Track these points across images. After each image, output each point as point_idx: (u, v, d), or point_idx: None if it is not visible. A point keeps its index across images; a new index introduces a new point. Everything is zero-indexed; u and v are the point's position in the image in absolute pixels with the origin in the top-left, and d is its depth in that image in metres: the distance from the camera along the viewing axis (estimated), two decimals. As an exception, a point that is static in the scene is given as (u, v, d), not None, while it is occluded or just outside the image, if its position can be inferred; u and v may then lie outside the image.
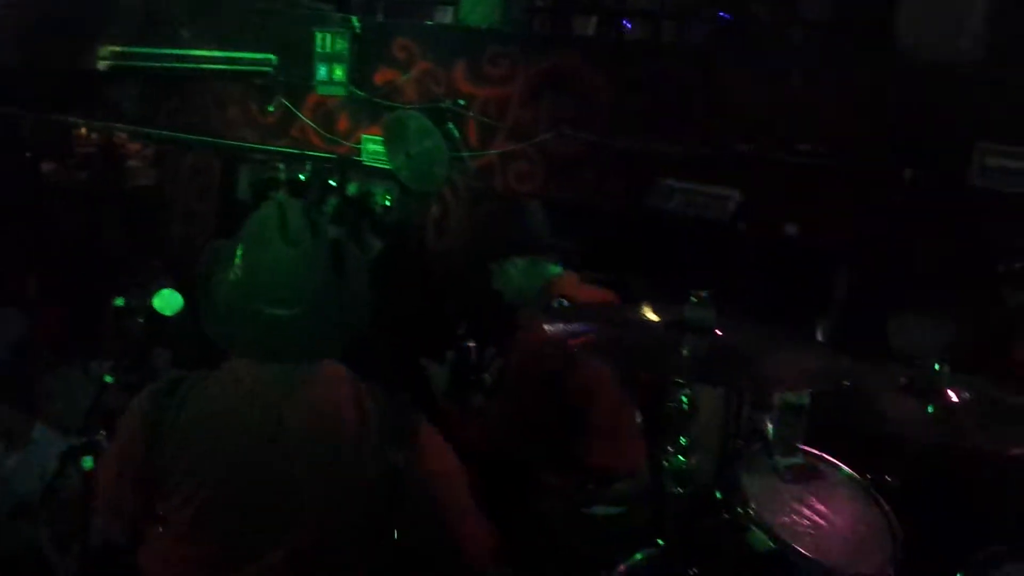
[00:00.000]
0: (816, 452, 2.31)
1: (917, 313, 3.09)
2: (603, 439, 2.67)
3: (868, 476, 2.34)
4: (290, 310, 1.77)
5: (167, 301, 2.84)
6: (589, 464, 2.68)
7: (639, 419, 2.79)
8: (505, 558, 2.05)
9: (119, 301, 2.88)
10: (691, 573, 2.20)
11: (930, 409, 2.27)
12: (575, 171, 3.89)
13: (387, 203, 4.72)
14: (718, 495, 2.26)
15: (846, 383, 2.12)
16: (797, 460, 2.23)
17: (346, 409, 1.83)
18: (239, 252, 1.81)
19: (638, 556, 2.33)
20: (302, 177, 4.78)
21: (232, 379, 1.83)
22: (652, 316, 2.07)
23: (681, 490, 1.99)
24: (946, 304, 3.03)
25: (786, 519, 2.11)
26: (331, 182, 4.69)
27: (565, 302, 2.62)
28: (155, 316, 2.83)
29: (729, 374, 2.04)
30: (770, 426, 2.24)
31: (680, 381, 1.98)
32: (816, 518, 2.15)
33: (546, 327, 2.07)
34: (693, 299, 1.97)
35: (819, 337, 3.27)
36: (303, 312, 1.78)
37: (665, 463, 1.99)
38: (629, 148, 3.75)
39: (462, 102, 4.13)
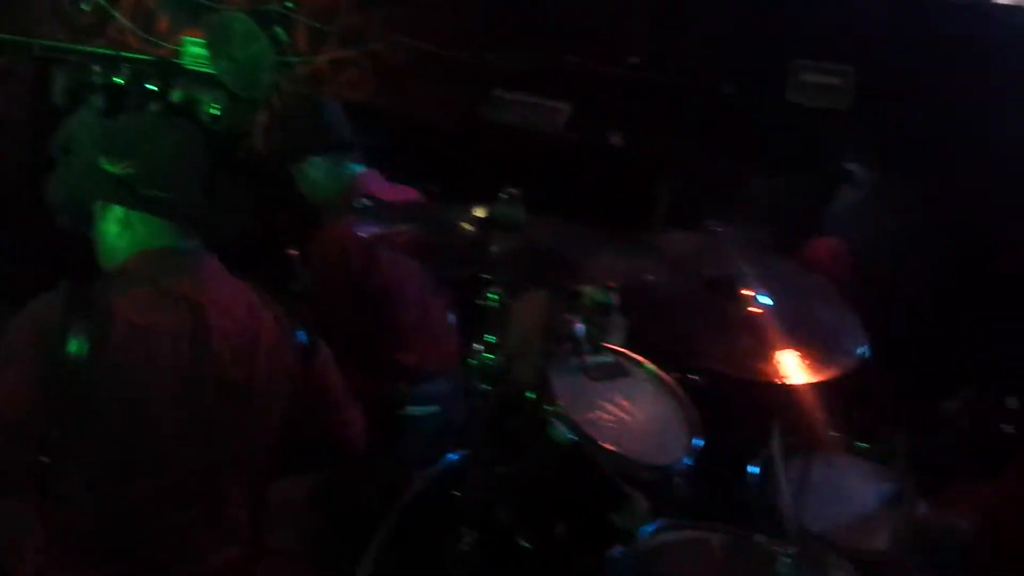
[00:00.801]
0: (623, 350, 2.37)
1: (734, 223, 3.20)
2: (413, 339, 2.67)
3: (674, 374, 2.43)
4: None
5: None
6: (400, 364, 2.67)
7: (452, 318, 2.80)
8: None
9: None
10: (500, 471, 2.24)
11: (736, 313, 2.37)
12: (407, 80, 3.81)
13: (214, 111, 4.50)
14: (530, 395, 2.31)
15: (651, 281, 2.18)
16: (604, 359, 2.29)
17: (253, 308, 1.86)
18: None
19: (452, 456, 2.38)
20: (120, 81, 4.50)
21: (148, 286, 1.77)
22: (464, 215, 2.06)
23: (489, 387, 2.00)
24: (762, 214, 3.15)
25: (591, 415, 2.17)
26: (150, 87, 4.43)
27: (367, 201, 2.59)
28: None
29: (537, 272, 2.06)
30: (579, 326, 2.28)
31: (488, 278, 1.98)
32: (620, 413, 2.22)
33: (351, 226, 2.03)
34: (502, 196, 1.96)
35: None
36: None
37: (472, 360, 2.00)
38: (462, 58, 3.70)
39: (290, 4, 3.95)
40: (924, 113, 3.21)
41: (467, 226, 1.97)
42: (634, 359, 2.37)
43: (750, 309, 2.36)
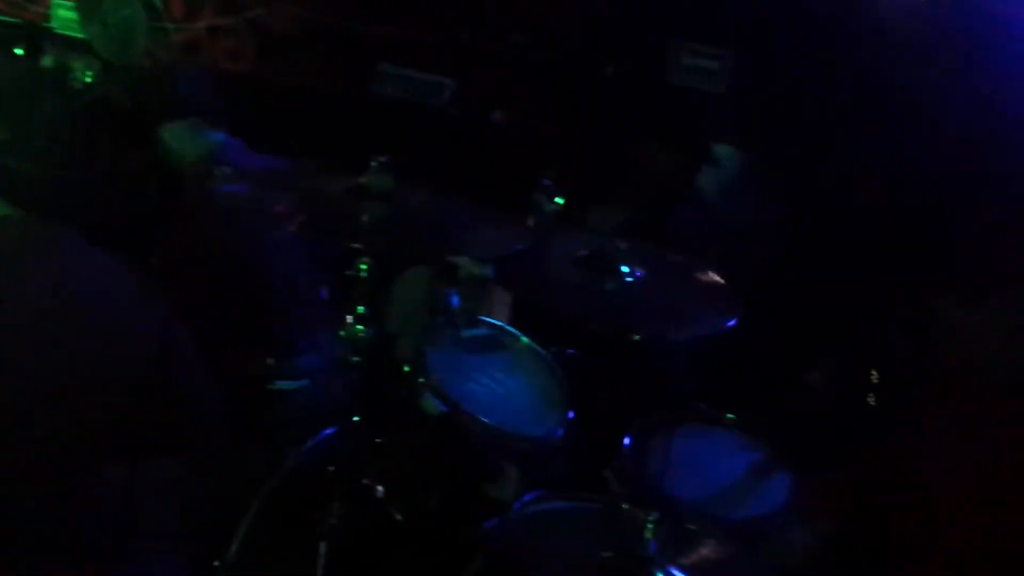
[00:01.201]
0: (499, 323, 2.38)
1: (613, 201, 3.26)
2: (281, 311, 2.63)
3: (550, 348, 2.46)
4: None
5: None
6: (268, 338, 2.63)
7: (325, 289, 2.76)
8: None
9: None
10: (373, 444, 2.23)
11: (608, 286, 2.42)
12: (288, 50, 3.72)
13: (87, 79, 4.31)
14: (406, 368, 2.29)
15: (532, 254, 2.20)
16: (480, 332, 2.30)
17: (112, 279, 1.80)
18: None
19: (326, 431, 2.35)
20: (-18, 44, 4.25)
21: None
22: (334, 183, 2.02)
23: (360, 360, 1.98)
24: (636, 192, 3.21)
25: (465, 387, 2.17)
26: (18, 52, 4.21)
27: (228, 170, 2.53)
28: None
29: (410, 242, 2.04)
30: (454, 298, 2.28)
31: (359, 248, 1.95)
32: (495, 385, 2.23)
33: (213, 195, 1.98)
34: (373, 164, 1.93)
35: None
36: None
37: (342, 333, 1.97)
38: (345, 29, 3.63)
39: (165, -32, 3.80)
40: (799, 96, 3.32)
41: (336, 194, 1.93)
42: (510, 332, 2.38)
43: (624, 282, 2.41)
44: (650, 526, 1.73)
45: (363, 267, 1.94)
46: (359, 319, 1.96)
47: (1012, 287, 1.59)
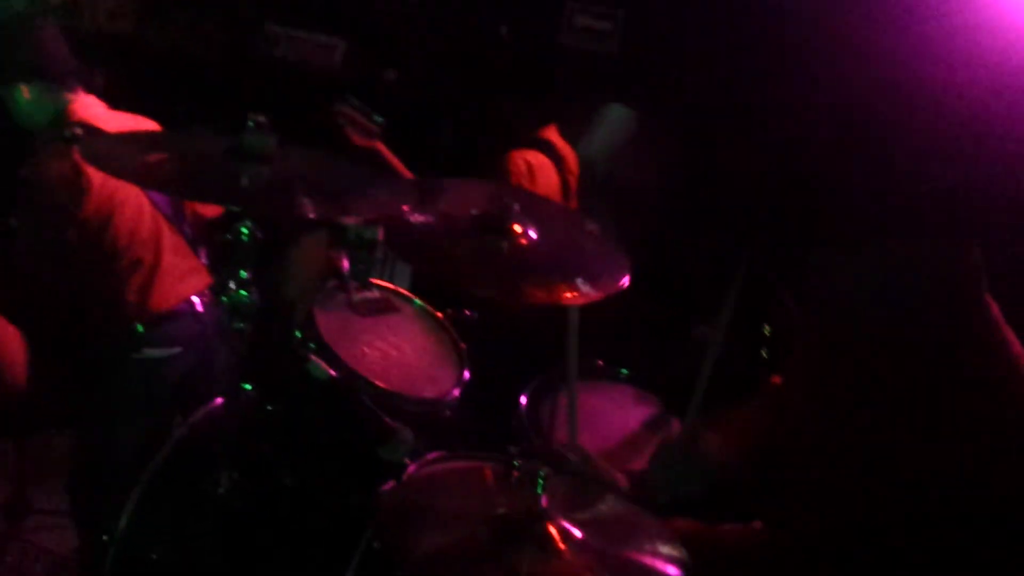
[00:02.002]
0: (391, 286, 2.36)
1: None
2: (147, 276, 2.55)
3: (447, 310, 2.45)
4: None
5: None
6: (134, 305, 2.56)
7: (201, 254, 2.70)
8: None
9: None
10: (268, 409, 2.19)
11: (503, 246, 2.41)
12: (172, 12, 3.58)
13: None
14: (298, 334, 2.25)
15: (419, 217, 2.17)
16: (371, 295, 2.27)
17: None
18: None
19: (216, 400, 2.30)
20: None
21: None
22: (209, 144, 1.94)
23: (243, 325, 1.93)
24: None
25: (356, 350, 2.15)
26: None
27: (79, 130, 2.44)
28: None
29: (293, 204, 1.98)
30: (345, 262, 2.24)
31: (238, 211, 1.90)
32: (387, 348, 2.21)
33: (67, 156, 1.89)
34: (250, 125, 1.87)
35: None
36: None
37: (224, 298, 1.92)
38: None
39: (39, -76, 3.61)
40: (690, 57, 3.35)
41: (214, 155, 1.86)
42: (403, 295, 2.36)
43: (518, 242, 2.41)
44: (541, 481, 1.74)
45: (244, 231, 1.88)
46: (242, 284, 1.90)
47: (887, 236, 1.63)
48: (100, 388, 2.54)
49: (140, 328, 2.54)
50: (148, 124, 2.69)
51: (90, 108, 2.65)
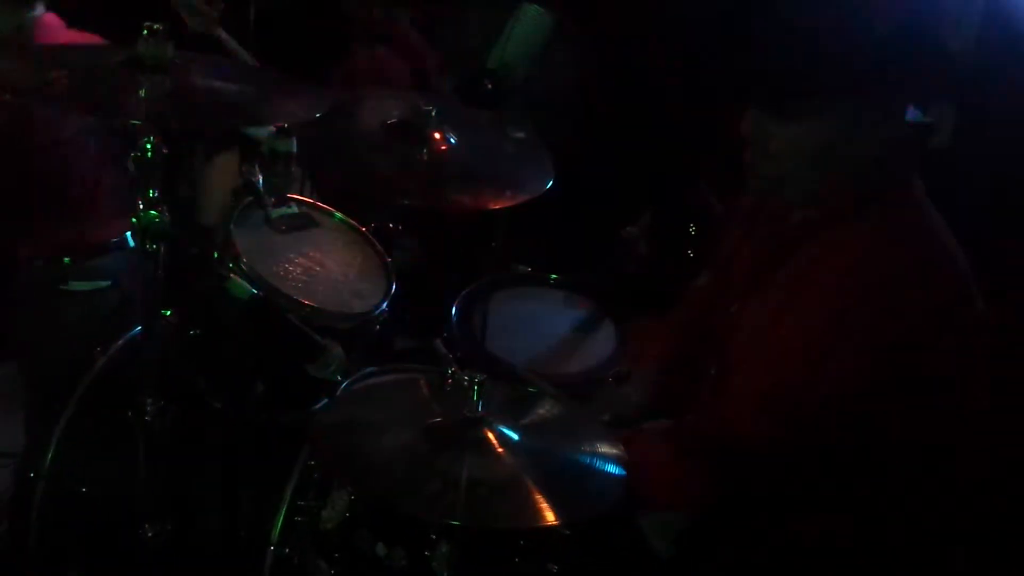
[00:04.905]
0: (310, 200, 2.28)
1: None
2: (76, 207, 2.45)
3: (371, 223, 2.38)
4: None
5: None
6: (59, 236, 2.45)
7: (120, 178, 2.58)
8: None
9: None
10: (192, 334, 2.12)
11: (425, 155, 2.35)
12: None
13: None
14: (216, 255, 2.17)
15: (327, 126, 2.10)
16: (289, 209, 2.19)
17: None
18: None
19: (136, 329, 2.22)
20: None
21: None
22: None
23: (154, 247, 1.84)
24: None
25: (278, 268, 2.08)
26: None
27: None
28: None
29: (196, 117, 1.89)
30: (260, 176, 2.15)
31: (140, 126, 1.79)
32: (310, 265, 2.14)
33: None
34: (145, 32, 1.75)
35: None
36: None
37: (134, 220, 1.82)
38: None
39: None
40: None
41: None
42: (323, 209, 2.29)
43: (437, 149, 2.35)
44: (476, 387, 1.72)
45: (148, 146, 1.78)
46: (150, 204, 1.80)
47: (821, 95, 1.61)
48: (24, 321, 2.47)
49: (67, 260, 2.45)
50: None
51: (50, 24, 2.51)
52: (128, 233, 2.55)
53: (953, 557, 1.84)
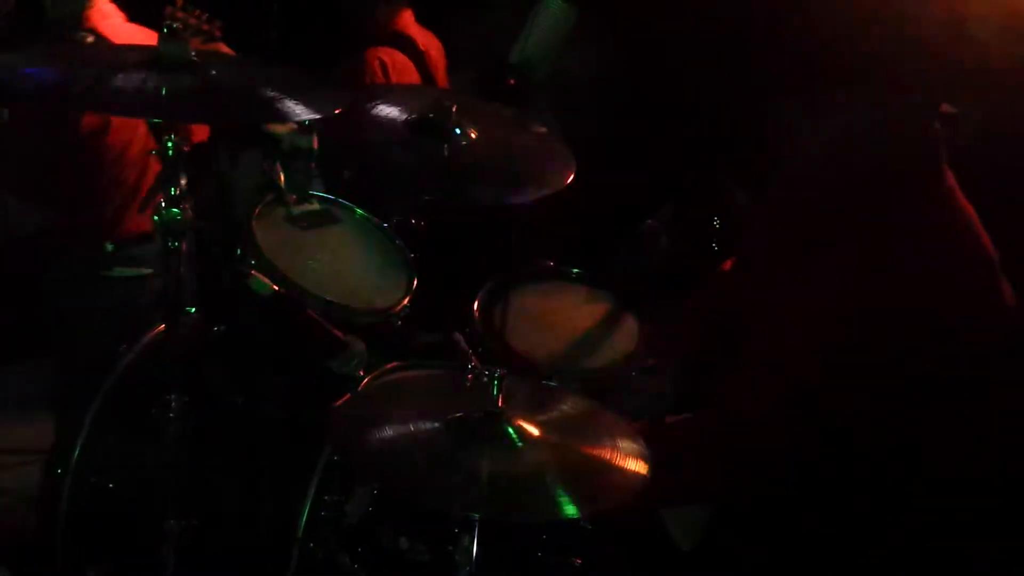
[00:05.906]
0: (330, 197, 2.29)
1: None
2: (116, 197, 2.49)
3: (393, 219, 2.38)
4: None
5: None
6: (107, 221, 2.52)
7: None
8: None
9: None
10: (215, 331, 2.14)
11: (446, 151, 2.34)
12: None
13: None
14: (237, 251, 2.18)
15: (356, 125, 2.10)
16: (311, 206, 2.19)
17: None
18: None
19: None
20: None
21: None
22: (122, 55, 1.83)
23: (177, 244, 1.85)
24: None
25: (300, 264, 2.09)
26: None
27: (88, 35, 2.35)
28: None
29: (219, 113, 1.90)
30: (281, 173, 2.16)
31: (163, 124, 1.80)
32: (333, 260, 2.15)
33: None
34: (163, 31, 1.76)
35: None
36: None
37: (156, 217, 1.83)
38: None
39: None
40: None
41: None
42: (345, 206, 2.29)
43: (460, 144, 2.34)
44: (496, 382, 1.72)
45: (169, 144, 1.78)
46: (172, 201, 1.81)
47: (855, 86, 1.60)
48: (67, 308, 2.52)
49: (110, 246, 2.49)
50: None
51: (107, 17, 2.58)
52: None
53: (975, 555, 1.81)
